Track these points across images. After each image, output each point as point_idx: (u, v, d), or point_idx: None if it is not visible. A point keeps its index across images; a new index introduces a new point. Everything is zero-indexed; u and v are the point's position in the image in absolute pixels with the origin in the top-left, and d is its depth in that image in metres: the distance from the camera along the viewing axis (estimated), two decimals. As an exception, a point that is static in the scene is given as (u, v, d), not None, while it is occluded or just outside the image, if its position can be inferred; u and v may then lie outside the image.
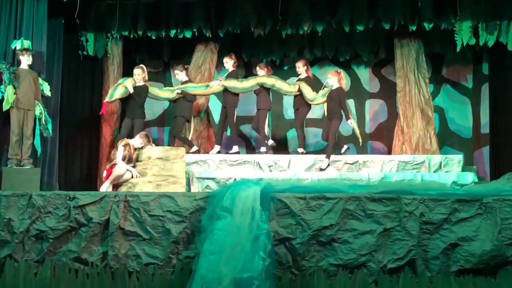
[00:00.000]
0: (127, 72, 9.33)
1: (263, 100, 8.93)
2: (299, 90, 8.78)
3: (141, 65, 8.84)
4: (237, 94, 9.07)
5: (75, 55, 9.28)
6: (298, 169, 8.40)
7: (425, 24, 8.86)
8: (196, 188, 8.01)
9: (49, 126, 7.63)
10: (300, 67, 8.95)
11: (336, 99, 8.40)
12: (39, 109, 7.53)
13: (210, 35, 9.42)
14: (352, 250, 4.77)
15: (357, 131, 8.68)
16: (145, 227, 5.07)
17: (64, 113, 8.66)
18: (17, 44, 7.61)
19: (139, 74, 8.52)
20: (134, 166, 7.39)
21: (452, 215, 4.81)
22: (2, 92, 7.35)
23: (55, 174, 8.15)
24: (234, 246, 4.60)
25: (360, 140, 8.75)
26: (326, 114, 8.63)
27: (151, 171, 7.22)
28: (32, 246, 5.26)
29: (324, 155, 8.43)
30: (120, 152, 7.32)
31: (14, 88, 7.36)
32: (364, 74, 10.44)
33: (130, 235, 5.09)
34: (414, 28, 8.95)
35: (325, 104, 8.62)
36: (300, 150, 8.76)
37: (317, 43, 9.95)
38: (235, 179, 7.65)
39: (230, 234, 4.66)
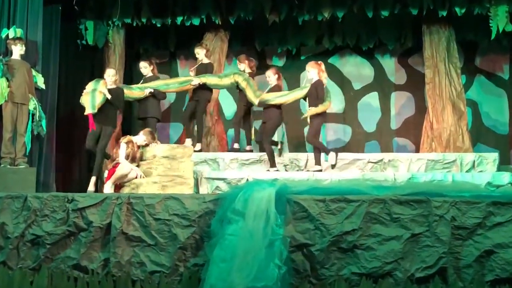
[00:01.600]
0: (130, 63, 9.39)
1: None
2: (261, 101, 8.41)
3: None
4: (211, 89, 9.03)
5: (74, 44, 9.35)
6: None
7: (457, 9, 8.81)
8: (205, 189, 8.03)
9: (43, 123, 7.68)
10: (271, 76, 8.62)
11: (314, 94, 8.13)
12: (33, 104, 7.58)
13: (220, 23, 9.44)
14: (376, 258, 4.75)
15: (308, 112, 8.11)
16: (150, 231, 5.08)
17: (61, 108, 8.74)
18: (9, 33, 7.66)
19: (112, 76, 8.13)
20: (138, 166, 7.42)
21: (486, 219, 4.77)
22: (-5, 85, 7.38)
23: (52, 174, 8.21)
24: (246, 253, 4.59)
25: (307, 118, 8.21)
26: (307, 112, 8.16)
27: (156, 170, 7.25)
28: (28, 253, 5.29)
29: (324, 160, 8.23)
30: (122, 150, 7.35)
31: (8, 80, 7.40)
32: (389, 64, 10.41)
33: (134, 240, 5.11)
34: (444, 13, 8.90)
35: (307, 105, 8.27)
36: (273, 169, 8.23)
37: (337, 30, 9.94)
38: (247, 180, 7.68)
39: (242, 240, 4.65)
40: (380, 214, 4.84)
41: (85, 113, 7.76)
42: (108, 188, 7.22)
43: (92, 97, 7.80)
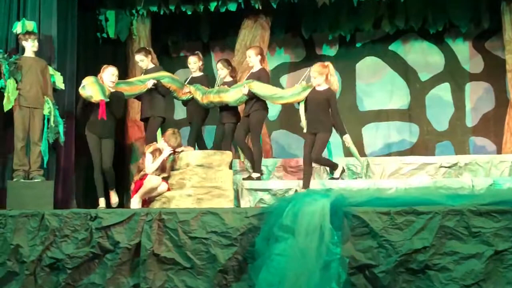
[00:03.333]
0: (157, 57, 9.44)
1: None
2: (249, 94, 8.05)
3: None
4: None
5: (93, 38, 9.48)
6: (379, 174, 8.31)
7: (543, -19, 8.65)
8: (247, 202, 8.06)
9: (60, 129, 7.73)
10: (252, 56, 8.30)
11: (324, 104, 7.70)
12: (48, 107, 7.65)
13: (260, 7, 9.47)
14: (453, 280, 4.69)
15: (355, 151, 7.87)
16: (184, 252, 5.12)
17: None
18: (18, 27, 7.75)
19: (115, 76, 8.01)
20: (168, 177, 7.49)
21: None
22: (2, 88, 7.52)
23: (72, 188, 8.32)
24: (298, 276, 4.58)
25: (360, 162, 8.27)
26: (306, 123, 7.78)
27: (190, 181, 7.30)
28: (46, 279, 5.39)
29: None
30: (148, 160, 7.43)
31: (16, 82, 7.53)
32: (463, 50, 10.28)
33: (167, 263, 5.15)
34: (528, -13, 8.74)
35: (302, 110, 7.83)
36: (255, 175, 8.12)
37: (399, 11, 9.86)
38: (296, 191, 7.66)
39: (292, 261, 4.64)
40: (456, 228, 4.77)
41: (94, 100, 7.62)
42: (136, 203, 7.30)
43: (100, 85, 7.74)
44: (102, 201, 7.87)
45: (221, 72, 8.63)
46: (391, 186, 7.55)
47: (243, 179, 8.18)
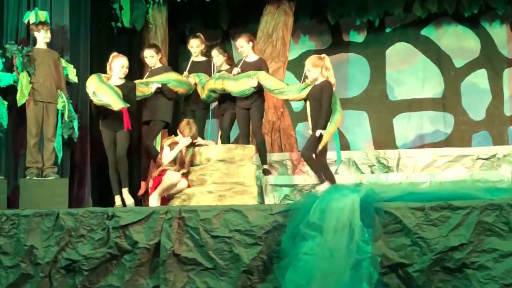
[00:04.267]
0: (174, 46, 9.46)
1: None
2: (258, 85, 7.96)
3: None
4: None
5: (107, 28, 9.51)
6: (412, 168, 8.27)
7: None
8: (271, 199, 8.06)
9: (75, 124, 7.78)
10: (245, 45, 8.19)
11: (317, 99, 7.47)
12: (62, 102, 7.72)
13: (283, -9, 9.46)
14: (492, 279, 4.66)
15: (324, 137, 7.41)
16: (206, 252, 5.14)
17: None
18: (31, 17, 7.80)
19: (125, 67, 7.91)
20: (188, 173, 7.51)
21: None
22: (15, 82, 7.58)
23: (88, 185, 8.37)
24: (327, 276, 4.58)
25: (338, 162, 7.94)
26: (310, 122, 7.63)
27: (211, 177, 7.32)
28: (62, 281, 5.44)
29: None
30: (166, 154, 7.45)
31: (29, 75, 7.59)
32: (500, 33, 10.20)
33: (188, 263, 5.18)
34: None
35: (308, 110, 7.72)
36: (266, 166, 8.16)
37: (432, -7, 9.79)
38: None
39: (320, 260, 4.65)
40: (495, 224, 4.74)
41: (116, 108, 7.55)
42: (154, 200, 7.34)
43: (111, 87, 7.63)
44: (118, 199, 7.84)
45: (217, 59, 8.48)
46: (425, 180, 7.54)
47: (263, 173, 8.13)
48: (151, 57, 8.42)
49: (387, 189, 5.28)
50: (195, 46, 8.62)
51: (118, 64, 7.84)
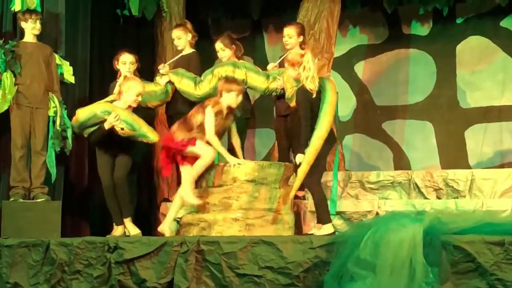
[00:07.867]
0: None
1: None
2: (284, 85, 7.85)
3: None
4: None
5: (111, 17, 9.57)
6: (488, 193, 8.20)
7: None
8: (311, 229, 8.03)
9: (69, 134, 7.74)
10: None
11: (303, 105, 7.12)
12: (53, 107, 7.68)
13: (328, -27, 9.48)
14: None
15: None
16: (231, 294, 5.15)
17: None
18: (16, 3, 7.75)
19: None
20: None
21: None
22: (-4, 83, 7.63)
23: (86, 210, 8.40)
24: (381, 327, 4.59)
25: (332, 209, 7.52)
26: None
27: (237, 202, 7.30)
28: (52, 328, 5.47)
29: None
30: (210, 119, 7.18)
31: (14, 75, 7.59)
32: None
33: (207, 308, 5.18)
34: None
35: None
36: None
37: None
38: (377, 213, 7.65)
39: (373, 307, 4.66)
40: None
41: (156, 140, 7.59)
42: (191, 195, 7.11)
43: (132, 115, 7.48)
44: (119, 230, 7.60)
45: (223, 54, 8.37)
46: (505, 208, 7.48)
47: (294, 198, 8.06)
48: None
49: (457, 219, 5.28)
50: (176, 38, 8.49)
51: (133, 92, 7.49)
